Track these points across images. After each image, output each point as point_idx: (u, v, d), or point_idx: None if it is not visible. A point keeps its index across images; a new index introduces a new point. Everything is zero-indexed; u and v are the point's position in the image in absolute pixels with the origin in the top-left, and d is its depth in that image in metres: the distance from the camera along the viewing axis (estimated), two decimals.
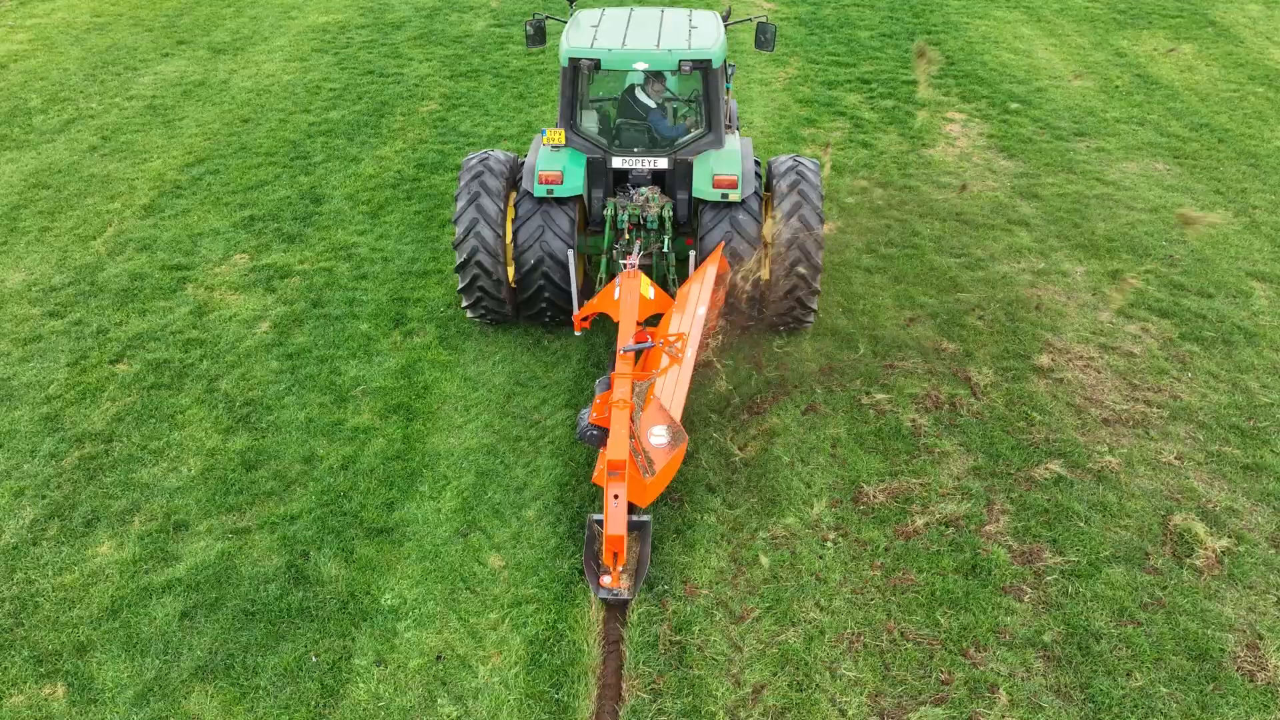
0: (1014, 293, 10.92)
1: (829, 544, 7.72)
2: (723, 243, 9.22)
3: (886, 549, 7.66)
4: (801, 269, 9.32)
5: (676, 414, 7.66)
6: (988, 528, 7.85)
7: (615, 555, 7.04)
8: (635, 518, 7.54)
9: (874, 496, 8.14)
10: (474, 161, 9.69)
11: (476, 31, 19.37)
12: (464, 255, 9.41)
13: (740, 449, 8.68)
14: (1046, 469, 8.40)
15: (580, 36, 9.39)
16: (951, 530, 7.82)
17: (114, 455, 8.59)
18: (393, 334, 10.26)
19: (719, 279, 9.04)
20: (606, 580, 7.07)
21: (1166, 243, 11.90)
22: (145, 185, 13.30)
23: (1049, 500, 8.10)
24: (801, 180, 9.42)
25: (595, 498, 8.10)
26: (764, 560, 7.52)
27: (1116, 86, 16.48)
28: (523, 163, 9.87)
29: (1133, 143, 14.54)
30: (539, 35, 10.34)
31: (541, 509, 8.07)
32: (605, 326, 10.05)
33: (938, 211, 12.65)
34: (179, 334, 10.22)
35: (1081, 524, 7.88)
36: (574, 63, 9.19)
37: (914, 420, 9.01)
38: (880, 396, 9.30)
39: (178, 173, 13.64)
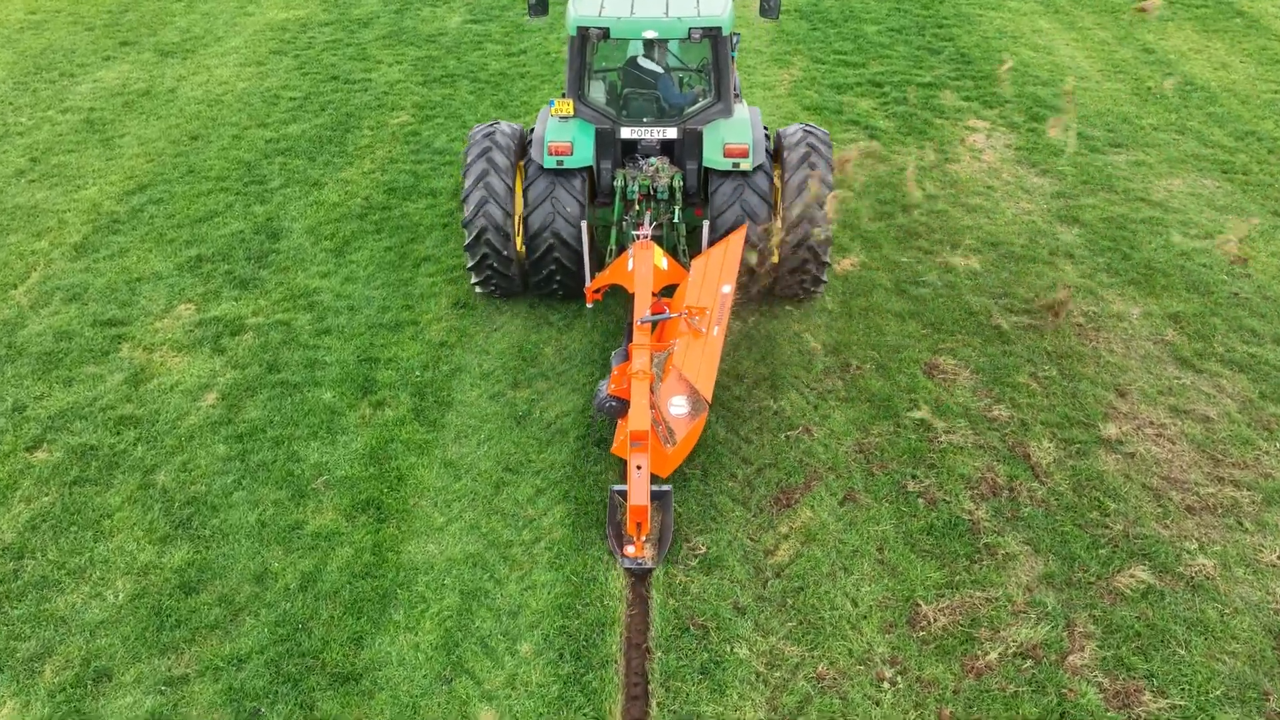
0: (1066, 343, 9.65)
1: (886, 685, 6.47)
2: (745, 224, 9.10)
3: (955, 691, 6.41)
4: (812, 242, 9.24)
5: (706, 392, 7.63)
6: (1071, 658, 6.61)
7: (639, 525, 7.12)
8: (657, 487, 7.56)
9: (934, 618, 6.88)
10: (480, 135, 9.50)
11: (451, 29, 17.76)
12: (473, 234, 9.33)
13: (770, 553, 7.41)
14: (1131, 576, 7.17)
15: (588, 5, 9.17)
16: (1029, 664, 6.58)
17: (24, 578, 7.18)
18: (360, 405, 8.87)
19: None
20: (630, 550, 7.15)
21: (1228, 277, 10.66)
22: (78, 219, 11.75)
23: (1139, 619, 6.87)
24: (813, 153, 9.34)
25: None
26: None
27: (1149, 89, 15.18)
28: (529, 136, 9.73)
29: (1175, 154, 13.25)
30: (541, 5, 9.99)
31: (540, 642, 6.75)
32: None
33: (970, 240, 11.34)
34: (111, 410, 8.77)
35: (1181, 650, 6.66)
36: (582, 32, 9.00)
37: (970, 512, 7.75)
38: (928, 481, 8.03)
39: (116, 202, 12.09)
